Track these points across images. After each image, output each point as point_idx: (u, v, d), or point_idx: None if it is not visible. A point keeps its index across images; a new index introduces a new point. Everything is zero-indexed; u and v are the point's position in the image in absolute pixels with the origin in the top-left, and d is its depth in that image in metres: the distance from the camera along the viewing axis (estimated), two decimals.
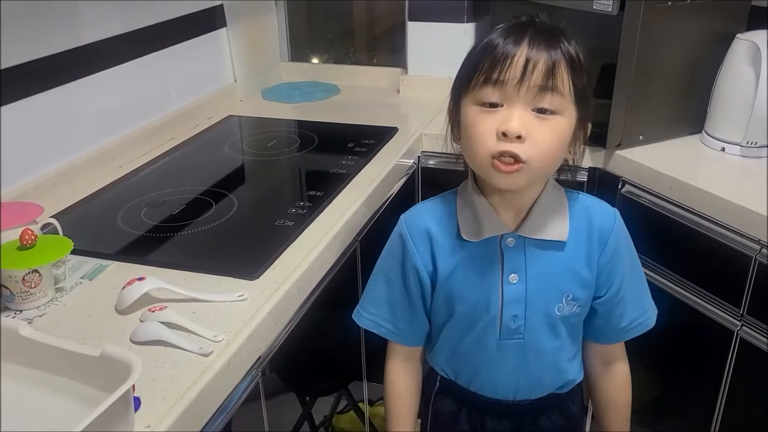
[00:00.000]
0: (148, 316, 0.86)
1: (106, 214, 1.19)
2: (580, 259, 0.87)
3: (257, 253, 1.02)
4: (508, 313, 0.86)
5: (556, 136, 0.78)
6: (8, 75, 1.14)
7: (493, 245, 0.86)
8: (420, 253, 0.89)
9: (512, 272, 0.86)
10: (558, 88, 0.77)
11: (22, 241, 0.88)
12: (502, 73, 0.76)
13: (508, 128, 0.76)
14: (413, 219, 0.91)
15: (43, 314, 0.89)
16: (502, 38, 0.78)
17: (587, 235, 0.87)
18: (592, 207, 0.89)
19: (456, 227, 0.88)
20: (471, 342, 0.89)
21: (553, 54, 0.76)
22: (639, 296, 0.93)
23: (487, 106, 0.78)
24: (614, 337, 0.94)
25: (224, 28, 1.75)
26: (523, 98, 0.77)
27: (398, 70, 1.89)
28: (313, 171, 1.40)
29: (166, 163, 1.42)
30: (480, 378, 0.92)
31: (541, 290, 0.86)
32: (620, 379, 0.98)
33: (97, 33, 1.33)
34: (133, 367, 0.66)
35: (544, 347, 0.89)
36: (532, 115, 0.77)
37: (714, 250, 1.19)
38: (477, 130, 0.79)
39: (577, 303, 0.87)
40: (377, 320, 0.94)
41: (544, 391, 0.92)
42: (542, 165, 0.79)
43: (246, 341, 0.84)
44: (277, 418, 1.01)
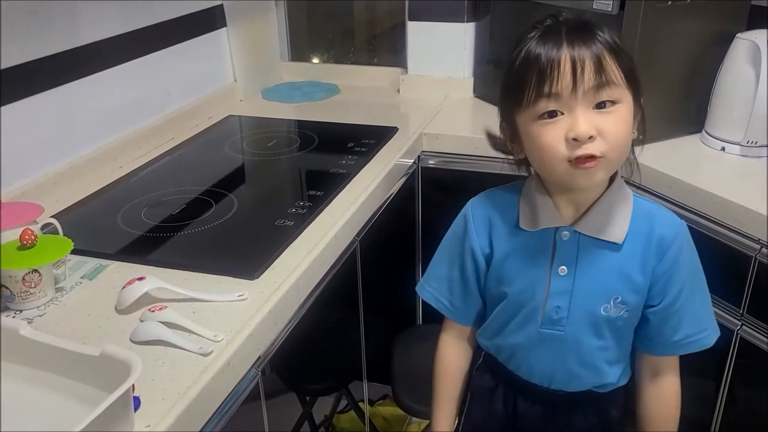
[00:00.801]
0: (148, 315, 0.86)
1: (106, 214, 1.19)
2: (635, 263, 0.87)
3: (257, 253, 1.02)
4: (551, 303, 0.88)
5: (623, 124, 0.79)
6: (9, 75, 1.14)
7: (548, 237, 0.88)
8: (479, 234, 0.92)
9: (562, 264, 0.87)
10: (612, 81, 0.77)
11: (23, 241, 0.88)
12: (553, 86, 0.77)
13: (579, 133, 0.77)
14: (478, 203, 0.94)
15: (43, 314, 0.89)
16: (540, 47, 0.78)
17: (646, 242, 0.86)
18: (656, 214, 0.89)
19: (516, 216, 0.90)
20: (515, 325, 0.92)
21: (595, 48, 0.77)
22: (698, 313, 0.91)
23: (546, 117, 0.79)
24: (666, 350, 0.92)
25: (224, 28, 1.75)
26: (581, 101, 0.77)
27: (398, 70, 1.89)
28: (313, 171, 1.40)
29: (167, 163, 1.42)
30: (517, 360, 0.94)
31: (588, 287, 0.87)
32: (667, 393, 0.95)
33: (97, 33, 1.33)
34: (132, 366, 0.66)
35: (584, 344, 0.89)
36: (595, 112, 0.78)
37: (714, 249, 1.19)
38: (545, 141, 0.79)
39: (626, 307, 0.87)
40: (437, 295, 0.97)
41: (580, 386, 0.93)
42: (617, 155, 0.80)
43: (246, 341, 0.84)
44: (278, 418, 1.01)
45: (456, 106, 1.74)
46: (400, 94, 1.85)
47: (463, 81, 1.79)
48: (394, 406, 1.64)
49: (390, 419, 1.67)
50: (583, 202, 0.87)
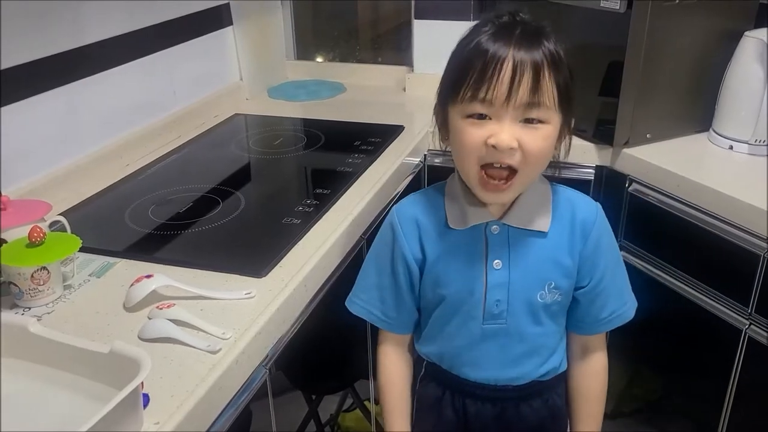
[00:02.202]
0: (156, 313, 0.86)
1: (114, 211, 1.19)
2: (563, 248, 0.90)
3: (264, 251, 1.02)
4: (491, 297, 0.89)
5: (545, 142, 0.81)
6: (16, 73, 1.14)
7: (479, 233, 0.90)
8: (408, 240, 0.92)
9: (496, 258, 0.89)
10: (543, 102, 0.79)
11: (31, 238, 0.88)
12: (489, 92, 0.78)
13: (499, 142, 0.79)
14: (403, 209, 0.94)
15: (51, 311, 0.89)
16: (490, 44, 0.79)
17: (570, 227, 0.90)
18: (575, 200, 0.92)
19: (443, 217, 0.91)
20: (456, 326, 0.92)
21: (537, 58, 0.78)
22: (620, 289, 0.95)
23: (475, 117, 0.81)
24: (594, 328, 0.96)
25: (230, 27, 1.75)
26: (511, 113, 0.79)
27: (404, 69, 1.88)
28: (319, 169, 1.40)
29: (173, 161, 1.42)
30: (463, 361, 0.94)
31: (523, 277, 0.89)
32: (596, 369, 0.99)
33: (103, 31, 1.33)
34: (142, 363, 0.66)
35: (527, 333, 0.91)
36: (521, 125, 0.80)
37: (722, 248, 1.19)
38: (466, 140, 0.81)
39: (559, 291, 0.90)
40: (368, 307, 0.97)
41: (526, 377, 0.94)
42: (532, 171, 0.83)
43: (254, 339, 0.84)
44: (284, 416, 1.01)
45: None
46: (406, 93, 1.85)
47: None
48: None
49: None
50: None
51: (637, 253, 1.38)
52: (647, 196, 1.33)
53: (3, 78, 1.12)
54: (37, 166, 1.21)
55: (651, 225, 1.35)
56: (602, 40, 1.42)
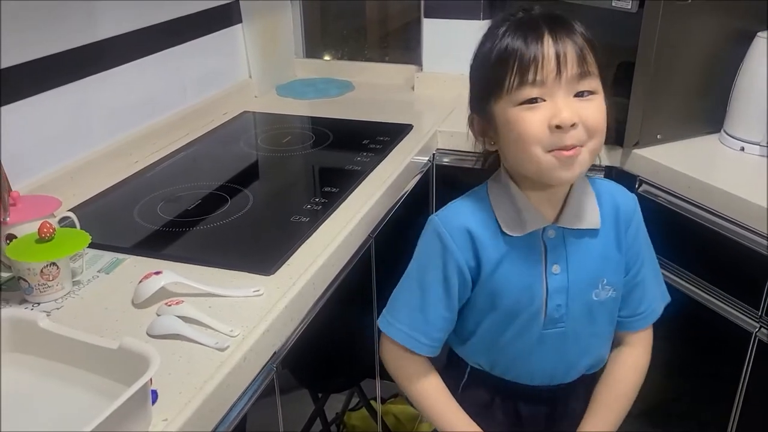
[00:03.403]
0: (165, 310, 0.86)
1: (123, 208, 1.19)
2: (611, 243, 0.90)
3: (273, 249, 1.02)
4: (552, 303, 0.88)
5: (601, 114, 0.81)
6: (26, 69, 1.15)
7: (536, 238, 0.88)
8: (462, 250, 0.87)
9: (555, 263, 0.88)
10: (592, 72, 0.79)
11: (41, 234, 0.88)
12: (538, 73, 0.77)
13: (562, 119, 0.76)
14: (449, 219, 0.89)
15: (60, 307, 0.89)
16: (521, 39, 0.78)
17: (615, 219, 0.90)
18: (614, 192, 0.92)
19: (495, 223, 0.87)
20: (512, 334, 0.90)
21: (576, 40, 0.78)
22: (656, 281, 0.95)
23: (527, 103, 0.79)
24: (633, 324, 0.95)
25: (240, 25, 1.76)
26: (563, 89, 0.78)
27: (413, 67, 1.88)
28: (327, 167, 1.40)
29: (182, 158, 1.43)
30: (517, 368, 0.93)
31: (580, 278, 0.89)
32: (627, 362, 0.97)
33: (113, 28, 1.34)
34: (151, 360, 0.66)
35: (582, 332, 0.91)
36: (575, 99, 0.79)
37: (732, 250, 1.18)
38: (526, 127, 0.78)
39: (612, 287, 0.90)
40: (408, 331, 0.90)
41: (577, 374, 0.95)
42: (597, 144, 0.81)
43: (262, 336, 0.84)
44: (290, 414, 1.01)
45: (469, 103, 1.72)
46: (414, 92, 1.84)
47: None
48: (405, 405, 1.64)
49: (401, 417, 1.67)
50: (556, 198, 0.88)
51: None
52: (657, 197, 1.33)
53: (14, 74, 1.12)
54: (47, 162, 1.21)
55: (661, 226, 1.33)
56: (613, 40, 1.40)
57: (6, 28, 1.09)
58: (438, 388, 0.95)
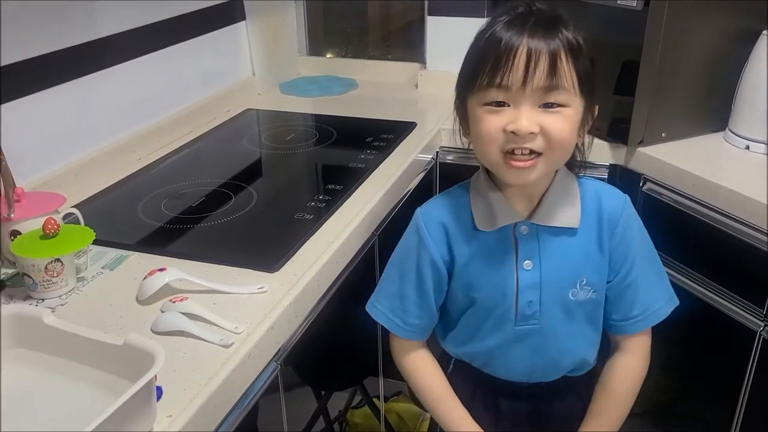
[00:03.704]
0: (169, 306, 0.86)
1: (127, 205, 1.19)
2: (592, 243, 0.88)
3: (277, 246, 1.02)
4: (523, 299, 0.88)
5: (567, 125, 0.80)
6: (30, 66, 1.14)
7: (507, 234, 0.88)
8: (436, 244, 0.90)
9: (526, 259, 0.88)
10: (562, 85, 0.78)
11: (45, 230, 0.88)
12: (505, 77, 0.77)
13: (518, 128, 0.77)
14: (428, 212, 0.93)
15: (64, 303, 0.89)
16: (504, 33, 0.78)
17: (597, 220, 0.88)
18: (602, 192, 0.90)
19: (470, 218, 0.89)
20: (488, 329, 0.91)
21: (554, 46, 0.77)
22: (651, 284, 0.91)
23: (493, 104, 0.80)
24: (626, 327, 0.93)
25: (243, 22, 1.75)
26: (528, 98, 0.78)
27: (417, 65, 1.88)
28: (331, 165, 1.40)
29: (185, 155, 1.43)
30: (496, 363, 0.93)
31: (555, 276, 0.88)
32: (623, 366, 0.94)
33: (117, 25, 1.34)
34: (156, 356, 0.66)
35: (560, 332, 0.90)
36: (540, 110, 0.78)
37: (737, 249, 1.18)
38: (485, 128, 0.80)
39: (592, 288, 0.89)
40: (389, 315, 0.95)
41: (558, 373, 0.94)
42: (558, 154, 0.81)
43: (266, 333, 0.84)
44: (293, 412, 1.01)
45: None
46: (418, 90, 1.84)
47: None
48: (408, 403, 1.64)
49: (404, 416, 1.66)
50: (533, 194, 0.87)
51: None
52: (662, 195, 1.32)
53: (18, 71, 1.12)
54: (51, 159, 1.21)
55: (665, 225, 1.34)
56: (618, 38, 1.41)
57: (9, 26, 1.09)
58: (438, 381, 0.97)
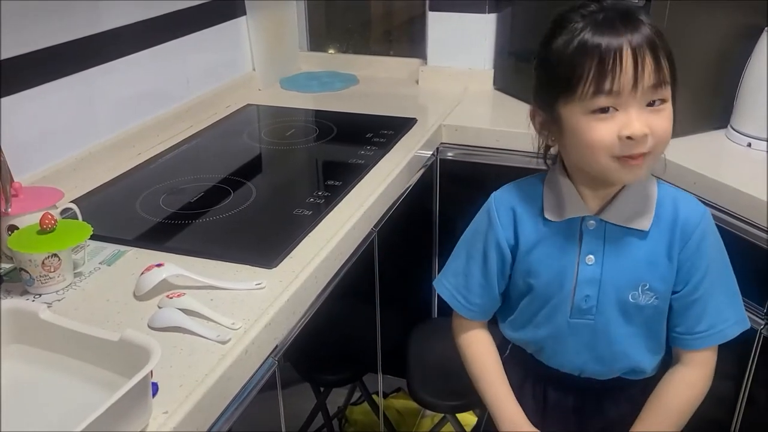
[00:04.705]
0: (166, 302, 0.86)
1: (125, 200, 1.19)
2: (661, 250, 0.87)
3: (275, 242, 1.01)
4: (580, 292, 0.88)
5: (669, 123, 0.80)
6: (29, 60, 1.14)
7: (575, 226, 0.88)
8: (504, 226, 0.92)
9: (589, 253, 0.88)
10: (666, 80, 0.78)
11: (43, 225, 0.88)
12: (615, 83, 0.76)
13: (634, 132, 0.76)
14: (501, 197, 0.94)
15: (61, 298, 0.89)
16: (598, 45, 0.76)
17: (671, 227, 0.86)
18: (680, 200, 0.88)
19: (540, 207, 0.90)
20: (543, 317, 0.91)
21: (653, 44, 0.76)
22: (722, 303, 0.89)
23: (599, 112, 0.78)
24: (689, 343, 0.90)
25: (244, 17, 1.75)
26: (638, 99, 0.77)
27: (418, 61, 1.87)
28: (331, 161, 1.39)
29: (185, 150, 1.42)
30: (548, 352, 0.94)
31: (616, 275, 0.87)
32: (682, 378, 0.91)
33: (117, 19, 1.33)
34: (152, 352, 0.65)
35: (615, 332, 0.89)
36: (647, 110, 0.78)
37: (738, 246, 1.17)
38: (596, 137, 0.78)
39: (654, 294, 0.87)
40: (453, 291, 0.97)
41: (611, 374, 0.93)
42: (660, 152, 0.81)
43: (263, 330, 0.84)
44: (292, 408, 1.01)
45: (476, 99, 1.72)
46: (419, 86, 1.83)
47: (483, 73, 1.77)
48: (407, 399, 1.64)
49: (403, 412, 1.66)
50: (607, 192, 0.87)
51: None
52: None
53: (16, 65, 1.12)
54: (50, 154, 1.21)
55: None
56: None
57: (9, 20, 1.09)
58: (492, 363, 0.97)
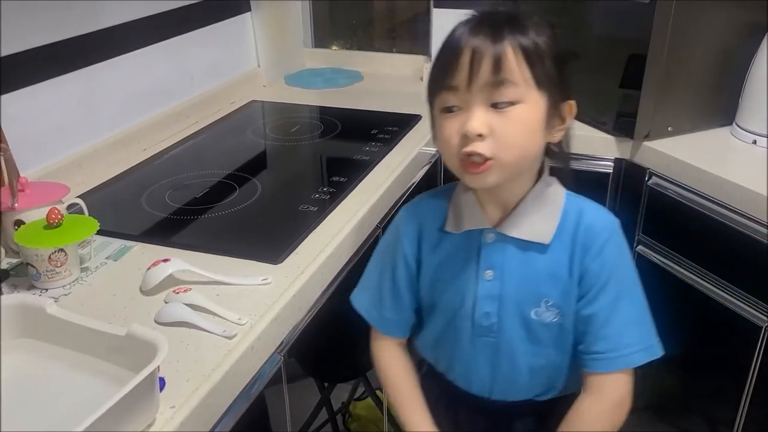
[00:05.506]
0: (173, 297, 0.86)
1: (131, 195, 1.19)
2: (563, 263, 0.81)
3: (281, 238, 1.02)
4: (480, 309, 0.84)
5: (521, 126, 0.76)
6: (34, 55, 1.14)
7: (474, 239, 0.85)
8: (409, 240, 0.89)
9: (488, 268, 0.84)
10: (509, 80, 0.74)
11: (49, 219, 0.88)
12: (453, 79, 0.75)
13: (467, 129, 0.75)
14: (410, 210, 0.92)
15: (68, 293, 0.89)
16: (453, 37, 0.77)
17: (572, 237, 0.81)
18: (587, 210, 0.83)
19: (444, 220, 0.87)
20: (449, 334, 0.88)
21: (502, 44, 0.74)
22: (624, 325, 0.81)
23: (446, 110, 0.78)
24: (587, 363, 0.83)
25: (249, 13, 1.75)
26: (477, 97, 0.75)
27: (422, 58, 1.87)
28: (336, 157, 1.39)
29: (190, 146, 1.42)
30: (456, 370, 0.91)
31: (516, 291, 0.83)
32: (578, 407, 0.83)
33: (122, 15, 1.33)
34: (159, 347, 0.66)
35: (520, 351, 0.85)
36: (492, 111, 0.75)
37: (743, 244, 1.17)
38: (443, 134, 0.79)
39: (558, 311, 0.82)
40: (368, 306, 0.94)
41: (520, 395, 0.89)
42: (511, 158, 0.77)
43: (269, 325, 0.84)
44: (296, 403, 1.01)
45: None
46: (423, 82, 1.82)
47: None
48: None
49: None
50: (508, 202, 0.83)
51: (655, 248, 1.37)
52: (667, 190, 1.32)
53: (22, 60, 1.12)
54: (56, 149, 1.21)
55: (670, 220, 1.33)
56: (625, 31, 1.40)
57: (15, 15, 1.09)
58: (402, 380, 0.94)
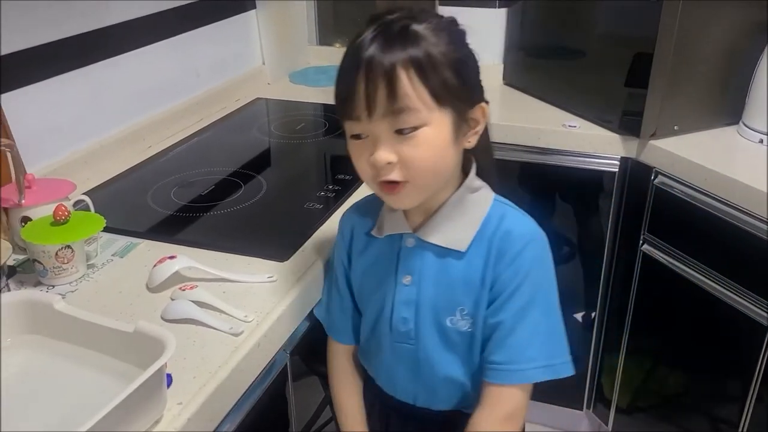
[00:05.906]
0: (179, 294, 0.86)
1: (137, 192, 1.19)
2: (477, 272, 0.80)
3: (287, 235, 1.02)
4: (397, 314, 0.83)
5: (428, 149, 0.73)
6: (41, 53, 1.14)
7: (395, 244, 0.84)
8: (345, 245, 0.90)
9: (406, 273, 0.83)
10: (408, 107, 0.71)
11: (56, 216, 0.88)
12: (353, 110, 0.73)
13: (374, 161, 0.73)
14: (349, 213, 0.92)
15: (75, 290, 0.90)
16: (344, 64, 0.74)
17: (488, 244, 0.79)
18: (509, 217, 0.80)
19: (374, 224, 0.87)
20: (375, 340, 0.88)
21: (391, 72, 0.70)
22: (531, 340, 0.78)
23: (354, 137, 0.76)
24: (486, 372, 0.80)
25: (253, 11, 1.75)
26: (379, 126, 0.73)
27: None
28: (340, 155, 1.39)
29: (195, 144, 1.42)
30: (381, 377, 0.91)
31: (434, 298, 0.82)
32: (472, 419, 0.81)
33: (127, 12, 1.33)
34: (167, 343, 0.66)
35: (437, 359, 0.83)
36: (397, 136, 0.73)
37: (748, 243, 1.17)
38: (355, 161, 0.77)
39: (471, 320, 0.80)
40: (322, 310, 0.95)
41: (445, 405, 0.87)
42: (425, 180, 0.75)
43: (275, 322, 0.84)
44: (301, 401, 1.01)
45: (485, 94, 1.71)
46: None
47: (493, 68, 1.77)
48: None
49: None
50: (430, 208, 0.82)
51: (661, 247, 1.36)
52: (673, 189, 1.31)
53: (28, 57, 1.12)
54: (62, 146, 1.21)
55: (676, 219, 1.33)
56: (631, 30, 1.39)
57: (19, 12, 1.09)
58: (344, 388, 0.96)
